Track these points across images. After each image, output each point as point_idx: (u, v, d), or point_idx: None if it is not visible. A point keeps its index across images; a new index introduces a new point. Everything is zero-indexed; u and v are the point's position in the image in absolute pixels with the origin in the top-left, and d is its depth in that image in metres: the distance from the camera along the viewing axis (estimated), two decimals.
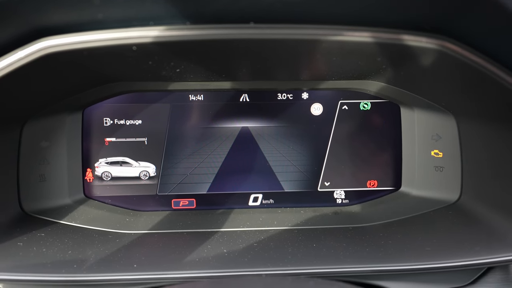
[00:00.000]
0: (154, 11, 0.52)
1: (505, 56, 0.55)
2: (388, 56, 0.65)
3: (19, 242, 0.73)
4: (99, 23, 0.54)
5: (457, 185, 0.89)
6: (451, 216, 0.84)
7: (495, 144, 0.76)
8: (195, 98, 0.91)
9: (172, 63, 0.71)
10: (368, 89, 0.90)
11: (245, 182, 0.95)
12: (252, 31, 0.56)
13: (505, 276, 0.77)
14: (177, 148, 0.92)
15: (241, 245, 0.76)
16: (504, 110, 0.68)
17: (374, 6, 0.52)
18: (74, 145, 0.89)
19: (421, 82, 0.79)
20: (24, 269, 0.65)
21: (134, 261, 0.69)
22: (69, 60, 0.60)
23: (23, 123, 0.80)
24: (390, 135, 0.95)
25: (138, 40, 0.56)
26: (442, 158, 0.91)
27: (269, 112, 0.93)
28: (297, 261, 0.69)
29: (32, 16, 0.51)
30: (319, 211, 0.94)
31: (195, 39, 0.56)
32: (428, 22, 0.54)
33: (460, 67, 0.58)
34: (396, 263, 0.68)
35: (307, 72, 0.83)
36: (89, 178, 0.92)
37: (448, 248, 0.71)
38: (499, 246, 0.69)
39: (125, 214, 0.91)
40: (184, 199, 0.95)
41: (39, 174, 0.85)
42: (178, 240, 0.80)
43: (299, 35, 0.57)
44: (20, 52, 0.55)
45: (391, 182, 0.97)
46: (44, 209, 0.85)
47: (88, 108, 0.88)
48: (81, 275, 0.65)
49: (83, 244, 0.75)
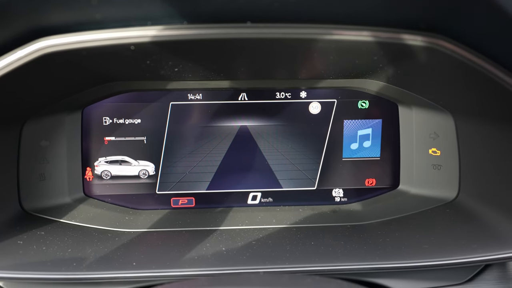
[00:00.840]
0: (152, 11, 0.52)
1: (501, 55, 0.56)
2: (385, 55, 0.66)
3: (19, 240, 0.73)
4: (97, 23, 0.54)
5: (454, 183, 0.89)
6: (449, 214, 0.84)
7: (492, 142, 0.76)
8: (193, 97, 0.91)
9: (171, 62, 0.71)
10: (366, 88, 0.91)
11: (244, 181, 0.96)
12: (249, 30, 0.56)
13: (502, 274, 0.77)
14: (176, 146, 0.93)
15: (240, 243, 0.77)
16: (501, 108, 0.68)
17: (371, 5, 0.52)
18: (74, 144, 0.89)
19: (418, 81, 0.79)
20: (24, 267, 0.66)
21: (133, 259, 0.70)
22: (68, 60, 0.61)
23: (23, 123, 0.80)
24: (388, 133, 0.95)
25: (136, 40, 0.56)
26: (439, 156, 0.91)
27: (267, 111, 0.93)
28: (296, 259, 0.70)
29: (31, 16, 0.51)
30: (317, 209, 0.95)
31: (193, 38, 0.56)
32: (424, 21, 0.54)
33: (456, 65, 0.58)
34: (394, 261, 0.69)
35: (305, 71, 0.83)
36: (89, 177, 0.92)
37: (445, 246, 0.72)
38: (496, 243, 0.70)
39: (125, 213, 0.91)
40: (183, 197, 0.95)
41: (39, 173, 0.86)
42: (177, 238, 0.80)
43: (297, 35, 0.57)
44: (19, 52, 0.55)
45: (389, 181, 0.97)
46: (44, 208, 0.85)
47: (87, 107, 0.89)
48: (81, 273, 0.66)
49: (82, 243, 0.76)
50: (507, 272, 0.77)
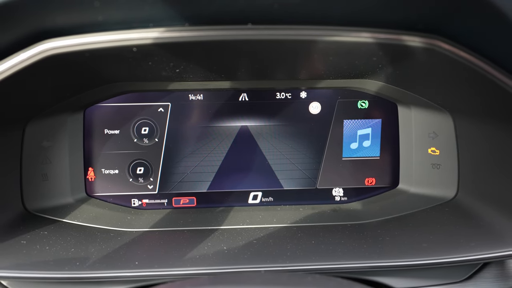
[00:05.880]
0: (153, 13, 0.53)
1: (498, 55, 0.56)
2: (384, 56, 0.66)
3: (23, 240, 0.74)
4: (100, 25, 0.55)
5: (453, 182, 0.89)
6: (448, 212, 0.84)
7: (491, 141, 0.77)
8: (194, 97, 0.92)
9: (172, 63, 0.72)
10: (365, 88, 0.91)
11: (245, 180, 0.96)
12: (250, 32, 0.57)
13: (501, 272, 0.78)
14: (177, 147, 0.93)
15: (241, 242, 0.77)
16: (499, 107, 0.69)
17: (369, 7, 0.53)
18: (76, 144, 0.89)
19: (417, 81, 0.80)
20: (27, 266, 0.66)
21: (135, 259, 0.70)
22: (71, 62, 0.61)
23: (25, 124, 0.81)
24: (388, 133, 0.96)
25: (138, 42, 0.57)
26: (439, 155, 0.92)
27: (268, 111, 0.94)
28: (296, 258, 0.70)
29: (35, 18, 0.52)
30: (318, 209, 0.95)
31: (194, 40, 0.56)
32: (422, 22, 0.55)
33: (454, 66, 0.59)
34: (394, 259, 0.69)
35: (305, 71, 0.84)
36: (91, 177, 0.93)
37: (444, 244, 0.72)
38: (494, 242, 0.70)
39: (126, 212, 0.92)
40: (184, 197, 0.96)
41: (42, 173, 0.86)
42: (179, 237, 0.81)
43: (297, 36, 0.58)
44: (22, 54, 0.56)
45: (389, 180, 0.98)
46: (46, 208, 0.86)
47: (89, 108, 0.89)
48: (84, 272, 0.66)
49: (85, 242, 0.76)
50: (505, 270, 0.78)
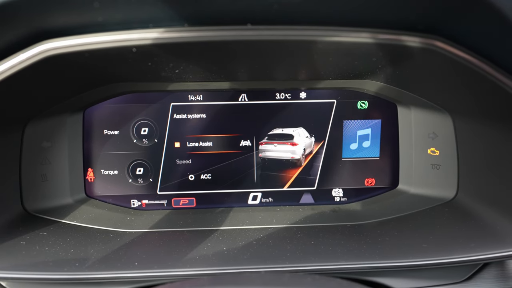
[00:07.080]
0: (153, 13, 0.53)
1: (497, 55, 0.56)
2: (384, 56, 0.66)
3: (22, 241, 0.74)
4: (100, 25, 0.55)
5: (453, 183, 0.89)
6: (448, 213, 0.84)
7: (490, 141, 0.77)
8: (194, 98, 0.92)
9: (171, 64, 0.72)
10: (365, 88, 0.91)
11: (244, 181, 0.96)
12: (249, 32, 0.57)
13: (500, 272, 0.78)
14: (176, 147, 0.93)
15: (240, 243, 0.77)
16: (499, 108, 0.69)
17: (369, 7, 0.53)
18: (75, 145, 0.89)
19: (417, 81, 0.80)
20: (27, 267, 0.66)
21: (135, 259, 0.70)
22: (70, 62, 0.61)
23: (25, 124, 0.81)
24: (387, 133, 0.96)
25: (138, 42, 0.57)
26: (438, 156, 0.92)
27: (267, 111, 0.94)
28: (296, 259, 0.70)
29: (35, 19, 0.52)
30: (317, 209, 0.95)
31: (194, 40, 0.56)
32: (421, 22, 0.55)
33: (453, 66, 0.59)
34: (393, 260, 0.69)
35: (305, 72, 0.84)
36: (90, 177, 0.92)
37: (444, 245, 0.72)
38: (494, 242, 0.70)
39: (126, 213, 0.92)
40: (184, 198, 0.96)
41: (41, 174, 0.86)
42: (179, 238, 0.81)
43: (296, 36, 0.58)
44: (22, 54, 0.56)
45: (389, 180, 0.98)
46: (46, 209, 0.86)
47: (88, 108, 0.89)
48: (83, 273, 0.66)
49: (84, 243, 0.76)
50: (505, 270, 0.78)
